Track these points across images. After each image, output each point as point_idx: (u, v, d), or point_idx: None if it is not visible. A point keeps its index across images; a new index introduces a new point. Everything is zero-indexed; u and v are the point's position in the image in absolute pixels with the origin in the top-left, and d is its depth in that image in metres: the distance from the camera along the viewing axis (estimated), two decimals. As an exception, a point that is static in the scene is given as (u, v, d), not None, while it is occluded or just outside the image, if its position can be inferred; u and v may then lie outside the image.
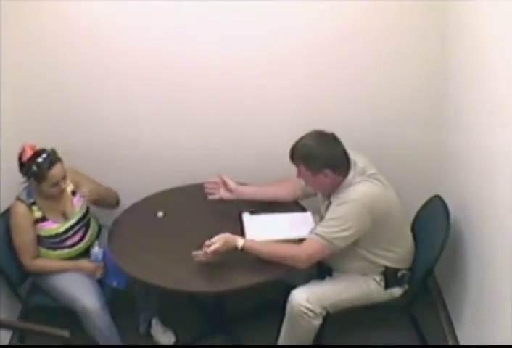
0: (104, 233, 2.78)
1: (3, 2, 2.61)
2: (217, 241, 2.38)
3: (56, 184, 2.52)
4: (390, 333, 2.81)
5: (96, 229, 2.80)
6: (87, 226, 2.73)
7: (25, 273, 2.71)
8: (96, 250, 2.61)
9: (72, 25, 2.74)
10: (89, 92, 2.92)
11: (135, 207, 2.84)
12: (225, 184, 2.75)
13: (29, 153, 2.48)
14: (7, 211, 2.69)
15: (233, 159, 3.07)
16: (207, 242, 2.38)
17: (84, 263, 2.64)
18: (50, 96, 2.91)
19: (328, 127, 2.42)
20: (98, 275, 2.62)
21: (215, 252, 2.37)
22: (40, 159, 2.47)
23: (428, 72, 2.83)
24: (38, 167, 2.46)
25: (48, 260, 2.65)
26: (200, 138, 3.05)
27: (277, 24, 2.75)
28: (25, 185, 2.60)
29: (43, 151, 2.50)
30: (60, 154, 2.57)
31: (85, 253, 2.73)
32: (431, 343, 2.73)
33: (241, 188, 2.75)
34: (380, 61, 2.83)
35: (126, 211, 2.80)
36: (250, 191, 2.75)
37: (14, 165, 2.79)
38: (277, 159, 2.95)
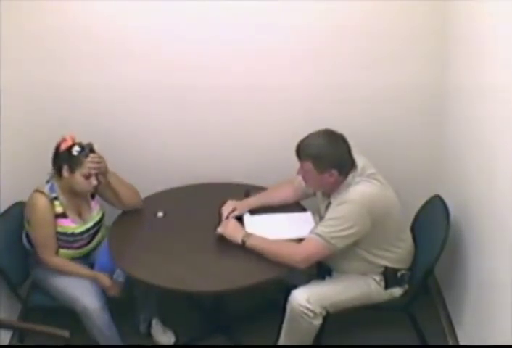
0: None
1: (4, 2, 2.62)
2: (225, 227, 2.52)
3: (88, 176, 2.52)
4: (390, 333, 2.81)
5: (104, 235, 2.77)
6: (97, 231, 2.73)
7: (25, 273, 2.71)
8: (119, 271, 2.59)
9: (73, 25, 2.75)
10: (89, 92, 2.92)
11: (135, 207, 2.83)
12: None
13: (69, 142, 2.51)
14: (7, 211, 2.69)
15: (234, 159, 3.08)
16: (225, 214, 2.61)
17: (103, 278, 2.59)
18: (50, 97, 2.91)
19: (328, 127, 2.41)
20: (113, 293, 2.60)
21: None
22: (80, 146, 2.50)
23: (428, 72, 2.83)
24: (77, 152, 2.48)
25: (69, 263, 2.63)
26: (200, 138, 3.05)
27: (277, 24, 2.75)
28: (48, 178, 2.58)
29: (81, 143, 2.54)
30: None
31: (87, 256, 2.74)
32: (431, 343, 2.73)
33: (249, 203, 2.74)
34: (380, 61, 2.83)
35: (126, 211, 2.79)
36: (256, 203, 2.73)
37: (15, 166, 2.81)
38: (277, 159, 2.97)
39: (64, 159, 2.51)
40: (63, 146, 2.51)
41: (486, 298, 2.34)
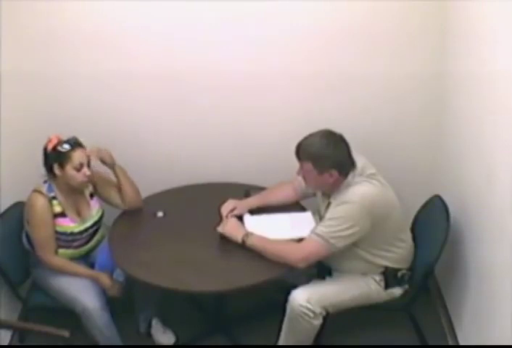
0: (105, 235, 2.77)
1: (4, 2, 2.62)
2: (226, 225, 2.53)
3: (79, 168, 2.52)
4: (390, 333, 2.81)
5: (104, 235, 2.78)
6: (97, 230, 2.74)
7: (25, 273, 2.71)
8: (119, 271, 2.60)
9: (73, 25, 2.75)
10: (89, 92, 2.92)
11: (135, 207, 2.83)
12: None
13: (55, 141, 2.53)
14: (7, 211, 2.69)
15: (234, 159, 3.08)
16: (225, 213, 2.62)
17: (104, 278, 2.59)
18: (50, 97, 2.92)
19: (328, 127, 2.41)
20: (113, 293, 2.60)
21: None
22: (64, 142, 2.52)
23: (428, 72, 2.83)
24: (63, 148, 2.50)
25: (69, 263, 2.63)
26: (200, 138, 3.05)
27: (277, 25, 2.75)
28: (45, 179, 2.59)
29: (66, 139, 2.55)
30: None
31: (87, 256, 2.74)
32: (431, 343, 2.73)
33: (249, 203, 2.74)
34: (380, 62, 2.83)
35: (126, 211, 2.79)
36: (256, 203, 2.74)
37: (15, 166, 2.81)
38: (277, 159, 2.97)
39: (53, 158, 2.52)
40: (49, 146, 2.53)
41: (487, 298, 2.34)
